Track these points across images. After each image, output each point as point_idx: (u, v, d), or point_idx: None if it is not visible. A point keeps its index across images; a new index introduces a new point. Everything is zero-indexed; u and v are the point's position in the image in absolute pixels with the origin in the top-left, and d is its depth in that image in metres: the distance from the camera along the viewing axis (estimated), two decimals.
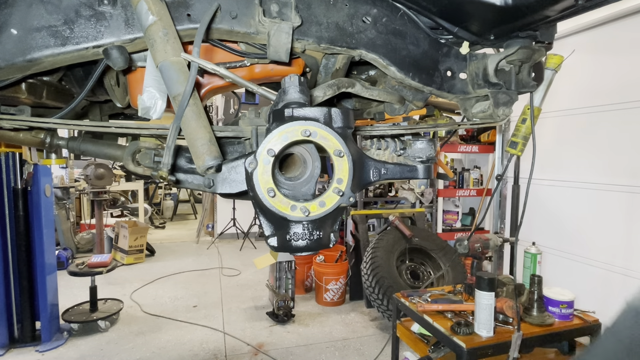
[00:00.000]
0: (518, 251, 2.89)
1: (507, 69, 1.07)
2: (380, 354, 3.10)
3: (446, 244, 3.94)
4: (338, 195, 0.76)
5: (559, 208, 3.75)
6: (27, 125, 0.99)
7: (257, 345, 3.26)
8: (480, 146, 4.68)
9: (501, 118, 1.10)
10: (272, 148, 0.73)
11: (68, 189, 6.17)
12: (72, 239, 5.88)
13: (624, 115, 3.16)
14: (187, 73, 0.77)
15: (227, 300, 4.27)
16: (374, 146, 1.20)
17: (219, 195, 0.95)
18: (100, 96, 1.29)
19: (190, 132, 0.76)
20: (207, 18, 0.79)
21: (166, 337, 3.42)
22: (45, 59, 0.77)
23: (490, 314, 1.83)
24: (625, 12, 3.11)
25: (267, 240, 0.81)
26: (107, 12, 0.79)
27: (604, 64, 3.36)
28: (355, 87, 1.06)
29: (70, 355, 3.12)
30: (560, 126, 3.78)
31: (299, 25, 0.88)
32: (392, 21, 1.01)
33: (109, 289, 4.49)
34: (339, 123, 0.78)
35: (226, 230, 6.76)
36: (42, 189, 3.18)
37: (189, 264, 5.60)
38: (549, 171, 3.81)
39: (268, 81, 1.10)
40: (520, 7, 0.87)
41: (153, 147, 1.00)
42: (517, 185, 3.55)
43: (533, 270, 2.29)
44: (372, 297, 3.43)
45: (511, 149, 1.68)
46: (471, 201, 5.06)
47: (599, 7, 0.87)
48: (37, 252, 3.21)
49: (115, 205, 7.73)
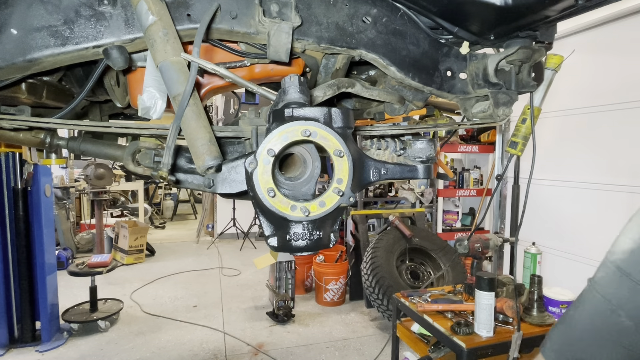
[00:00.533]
0: (518, 251, 2.89)
1: (507, 69, 1.07)
2: (380, 354, 3.10)
3: (446, 244, 3.94)
4: (338, 195, 0.76)
5: (559, 208, 3.75)
6: (27, 125, 0.99)
7: (257, 345, 3.26)
8: (480, 146, 4.68)
9: (501, 118, 1.10)
10: (272, 148, 0.73)
11: (68, 189, 6.17)
12: (72, 239, 5.88)
13: (624, 115, 3.16)
14: (187, 73, 0.77)
15: (227, 300, 4.27)
16: (374, 146, 1.20)
17: (219, 195, 0.95)
18: (100, 96, 1.29)
19: (190, 132, 0.76)
20: (207, 18, 0.79)
21: (166, 337, 3.42)
22: (45, 59, 0.77)
23: (490, 314, 1.83)
24: (625, 12, 3.11)
25: (267, 240, 0.81)
26: (107, 12, 0.79)
27: (604, 64, 3.36)
28: (355, 87, 1.06)
29: (70, 355, 3.12)
30: (560, 126, 3.78)
31: (299, 25, 0.88)
32: (392, 21, 1.01)
33: (109, 289, 4.49)
34: (339, 123, 0.78)
35: (226, 230, 6.77)
36: (42, 189, 3.18)
37: (189, 264, 5.60)
38: (549, 171, 3.81)
39: (268, 81, 1.10)
40: (520, 7, 0.87)
41: (153, 147, 1.00)
42: (517, 185, 3.55)
43: (533, 270, 2.29)
44: (372, 297, 3.42)
45: (511, 149, 1.68)
46: (471, 201, 5.06)
47: (599, 7, 0.87)
48: (37, 252, 3.21)
49: (115, 205, 7.73)
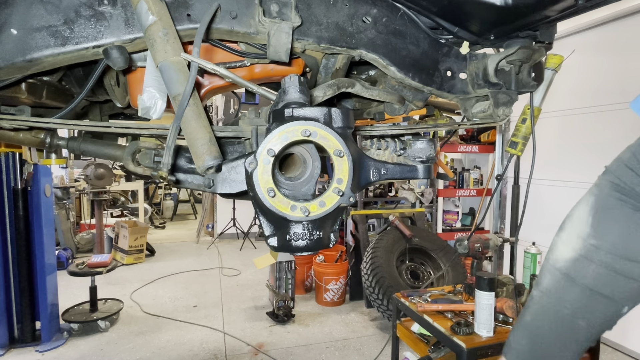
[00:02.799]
0: (518, 251, 2.89)
1: (507, 69, 1.07)
2: (380, 354, 3.10)
3: (446, 244, 3.94)
4: (338, 195, 0.76)
5: (559, 208, 3.75)
6: (27, 125, 0.99)
7: (257, 345, 3.26)
8: (480, 146, 4.68)
9: (501, 118, 1.10)
10: (272, 148, 0.73)
11: (68, 189, 6.17)
12: (72, 239, 5.88)
13: (624, 115, 3.16)
14: (187, 73, 0.77)
15: (227, 300, 4.27)
16: (374, 146, 1.20)
17: (219, 195, 0.95)
18: (100, 96, 1.29)
19: (190, 132, 0.76)
20: (207, 18, 0.79)
21: (166, 337, 3.42)
22: (45, 59, 0.77)
23: (490, 314, 1.83)
24: (625, 12, 3.11)
25: (267, 240, 0.81)
26: (107, 12, 0.79)
27: (604, 64, 3.36)
28: (355, 87, 1.06)
29: (70, 355, 3.12)
30: (560, 126, 3.78)
31: (299, 25, 0.88)
32: (392, 21, 1.01)
33: (109, 289, 4.49)
34: (339, 123, 0.78)
35: (226, 230, 6.76)
36: (42, 189, 3.17)
37: (189, 264, 5.60)
38: (549, 171, 3.81)
39: (268, 81, 1.10)
40: (520, 7, 0.87)
41: (153, 147, 1.00)
42: (517, 185, 3.55)
43: (533, 270, 2.29)
44: (372, 297, 3.42)
45: (511, 149, 1.68)
46: (471, 201, 5.06)
47: (599, 7, 0.87)
48: (37, 252, 3.21)
49: (115, 205, 7.73)
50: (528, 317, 0.65)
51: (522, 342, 0.65)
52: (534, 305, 0.65)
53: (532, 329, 0.63)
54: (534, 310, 0.65)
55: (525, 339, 0.64)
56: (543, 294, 0.64)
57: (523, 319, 0.66)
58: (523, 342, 0.64)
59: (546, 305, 0.63)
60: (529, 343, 0.63)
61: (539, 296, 0.65)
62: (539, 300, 0.64)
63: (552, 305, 0.62)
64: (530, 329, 0.64)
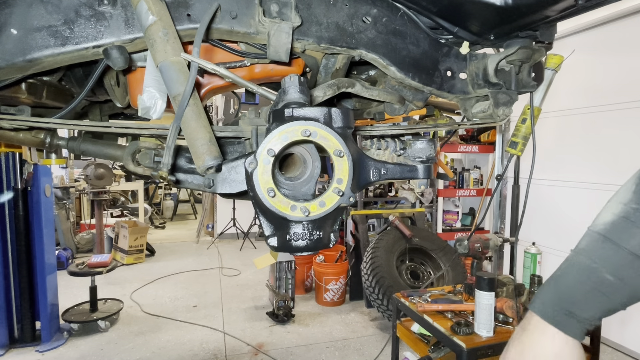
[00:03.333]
0: (518, 251, 2.89)
1: (507, 69, 1.07)
2: (380, 354, 3.10)
3: (446, 244, 3.94)
4: (338, 195, 0.76)
5: (559, 208, 3.75)
6: (27, 125, 0.99)
7: (257, 345, 3.26)
8: (480, 146, 4.68)
9: (501, 118, 1.10)
10: (272, 148, 0.73)
11: (68, 189, 6.17)
12: (72, 239, 5.88)
13: (624, 115, 3.16)
14: (187, 73, 0.76)
15: (227, 300, 4.27)
16: (374, 146, 1.20)
17: (219, 195, 0.95)
18: (100, 96, 1.29)
19: (190, 132, 0.76)
20: (207, 18, 0.79)
21: (166, 337, 3.42)
22: (45, 59, 0.77)
23: (490, 314, 1.83)
24: (625, 12, 3.11)
25: (267, 240, 0.81)
26: (107, 12, 0.79)
27: (604, 64, 3.36)
28: (355, 87, 1.06)
29: (70, 355, 3.12)
30: (560, 126, 3.78)
31: (299, 25, 0.88)
32: (392, 21, 1.01)
33: (109, 289, 4.49)
34: (339, 123, 0.78)
35: (226, 230, 6.76)
36: (42, 189, 3.17)
37: (189, 264, 5.60)
38: (549, 171, 3.81)
39: (268, 81, 1.10)
40: (520, 7, 0.87)
41: (153, 147, 1.00)
42: (517, 185, 3.55)
43: (533, 270, 2.29)
44: (372, 297, 3.42)
45: (511, 149, 1.68)
46: (471, 201, 5.06)
47: (599, 7, 0.87)
48: (37, 252, 3.21)
49: (115, 205, 7.72)
50: (558, 271, 0.68)
51: (547, 294, 0.67)
52: (565, 261, 0.68)
53: (559, 281, 0.66)
54: (564, 266, 0.67)
55: (552, 291, 0.67)
56: (576, 253, 0.66)
57: (552, 275, 0.69)
58: (549, 294, 0.67)
59: (577, 261, 0.65)
60: (555, 295, 0.66)
61: (572, 255, 0.67)
62: (571, 257, 0.67)
63: (583, 260, 0.64)
64: (557, 281, 0.66)
